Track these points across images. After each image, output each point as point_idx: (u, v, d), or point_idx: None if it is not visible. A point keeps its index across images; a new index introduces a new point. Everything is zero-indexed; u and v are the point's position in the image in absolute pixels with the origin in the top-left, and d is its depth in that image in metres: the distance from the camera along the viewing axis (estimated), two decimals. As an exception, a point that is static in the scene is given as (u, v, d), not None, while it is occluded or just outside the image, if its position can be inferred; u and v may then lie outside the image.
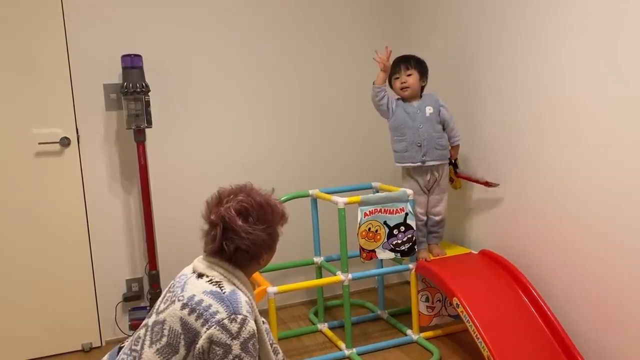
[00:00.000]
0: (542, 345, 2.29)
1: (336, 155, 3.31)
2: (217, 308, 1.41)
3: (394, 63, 2.72)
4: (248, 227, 1.48)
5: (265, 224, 1.53)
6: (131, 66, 2.69)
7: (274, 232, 1.57)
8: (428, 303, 2.75)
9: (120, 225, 2.90)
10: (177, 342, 1.40)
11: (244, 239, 1.47)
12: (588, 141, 2.21)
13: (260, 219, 1.52)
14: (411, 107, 2.70)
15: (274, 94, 3.16)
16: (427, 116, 2.67)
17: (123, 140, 2.86)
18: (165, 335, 1.42)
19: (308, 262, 2.97)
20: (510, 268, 2.57)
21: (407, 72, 2.68)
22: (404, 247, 2.64)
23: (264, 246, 1.53)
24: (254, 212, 1.51)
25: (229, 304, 1.42)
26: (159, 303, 1.53)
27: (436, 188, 2.75)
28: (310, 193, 2.87)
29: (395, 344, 2.69)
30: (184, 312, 1.41)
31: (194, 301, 1.42)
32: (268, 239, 1.54)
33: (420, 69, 2.70)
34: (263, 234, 1.51)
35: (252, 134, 3.13)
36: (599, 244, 2.21)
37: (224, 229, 1.49)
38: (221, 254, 1.51)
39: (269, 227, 1.54)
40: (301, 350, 2.72)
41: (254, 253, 1.52)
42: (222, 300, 1.42)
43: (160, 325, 1.44)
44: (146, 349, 1.43)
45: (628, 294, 2.10)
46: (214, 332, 1.37)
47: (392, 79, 2.73)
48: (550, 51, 2.34)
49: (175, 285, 1.52)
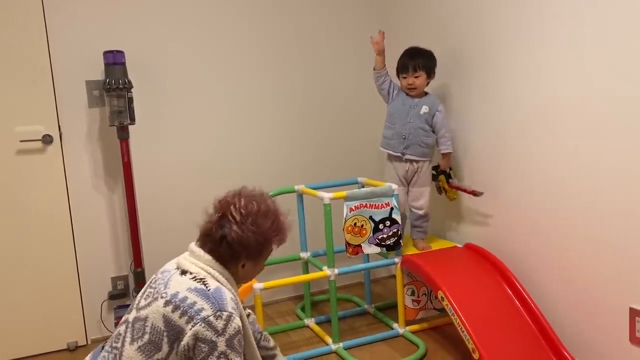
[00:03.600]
0: (526, 337, 2.32)
1: (322, 150, 3.31)
2: (202, 305, 1.40)
3: (403, 59, 2.72)
4: (242, 223, 1.49)
5: (260, 229, 1.52)
6: (113, 62, 2.66)
7: (264, 244, 1.55)
8: (414, 297, 2.77)
9: (104, 223, 2.88)
10: (160, 340, 1.39)
11: (233, 231, 1.48)
12: (571, 139, 2.24)
13: (257, 223, 1.52)
14: (409, 101, 2.73)
15: (260, 91, 3.15)
16: (420, 113, 2.71)
17: (106, 137, 2.84)
18: (148, 332, 1.41)
19: (294, 258, 2.98)
20: (494, 262, 2.60)
21: (415, 74, 2.69)
22: (390, 241, 2.65)
23: (248, 248, 1.52)
24: (255, 212, 1.52)
25: (214, 301, 1.41)
26: (139, 298, 1.51)
27: (416, 182, 2.78)
28: (296, 189, 2.87)
29: (382, 338, 2.71)
30: (168, 310, 1.41)
31: (177, 298, 1.42)
32: (255, 245, 1.52)
33: (428, 70, 2.70)
34: (252, 237, 1.51)
35: (237, 130, 3.12)
36: (580, 239, 2.24)
37: (223, 215, 1.51)
38: (207, 240, 1.52)
39: (260, 234, 1.53)
40: (288, 345, 2.73)
41: (236, 250, 1.51)
42: (207, 297, 1.42)
43: (141, 322, 1.43)
44: (127, 346, 1.42)
45: (609, 288, 2.14)
46: (200, 329, 1.37)
47: (399, 75, 2.75)
48: (533, 51, 2.36)
49: (157, 281, 1.51)
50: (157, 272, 1.58)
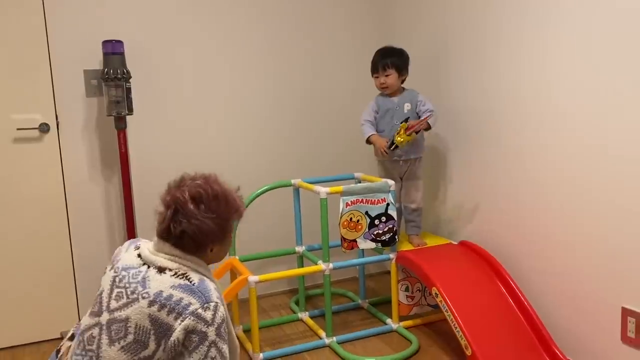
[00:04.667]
0: (518, 335, 2.34)
1: (319, 145, 3.31)
2: (189, 300, 1.41)
3: (374, 59, 2.77)
4: (197, 213, 1.47)
5: (216, 214, 1.51)
6: (112, 52, 2.65)
7: (225, 225, 1.54)
8: (408, 293, 2.78)
9: (100, 213, 2.88)
10: (147, 338, 1.40)
11: (192, 224, 1.47)
12: (569, 136, 2.24)
13: (212, 208, 1.50)
14: (391, 103, 2.77)
15: (259, 84, 3.15)
16: (404, 113, 2.74)
17: (104, 127, 2.83)
18: (131, 332, 1.40)
19: (290, 252, 2.98)
20: (489, 259, 2.61)
21: (385, 72, 2.72)
22: (385, 237, 2.66)
23: (210, 236, 1.51)
24: (207, 200, 1.50)
25: (200, 294, 1.43)
26: (107, 300, 1.47)
27: (409, 176, 2.81)
28: (292, 182, 2.87)
29: (375, 333, 2.72)
30: (153, 309, 1.40)
31: (162, 297, 1.41)
32: (216, 230, 1.51)
33: (398, 67, 2.72)
34: (211, 223, 1.49)
35: (235, 123, 3.12)
36: (575, 238, 2.25)
37: (175, 211, 1.49)
38: (168, 237, 1.50)
39: (219, 218, 1.51)
40: (282, 338, 2.74)
41: (200, 241, 1.50)
42: (193, 292, 1.43)
43: (121, 323, 1.42)
44: (105, 347, 1.41)
45: (602, 287, 2.15)
46: (190, 322, 1.39)
47: (373, 75, 2.79)
48: (531, 45, 2.36)
49: (123, 280, 1.48)
50: (114, 270, 1.53)
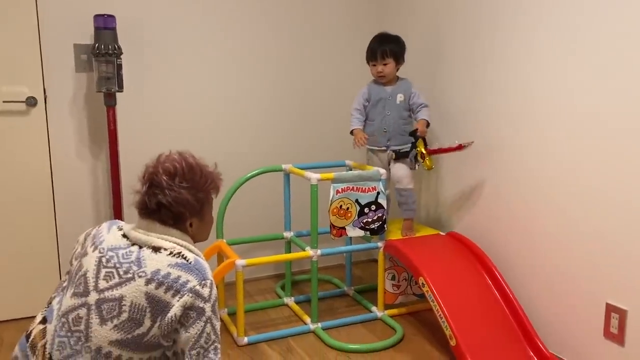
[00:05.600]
0: (503, 327, 2.35)
1: (312, 131, 3.29)
2: (187, 278, 1.44)
3: (371, 46, 2.72)
4: (172, 184, 1.50)
5: (191, 184, 1.53)
6: (104, 27, 2.59)
7: (201, 197, 1.56)
8: (394, 281, 2.79)
9: (86, 190, 2.84)
10: (142, 316, 1.42)
11: (166, 195, 1.49)
12: (556, 134, 2.25)
13: (186, 179, 1.52)
14: (384, 93, 2.74)
15: (254, 67, 3.11)
16: (397, 103, 2.73)
17: (93, 103, 2.78)
18: (126, 311, 1.41)
19: (278, 237, 2.97)
20: (476, 251, 2.62)
21: (384, 61, 2.69)
22: (374, 225, 2.65)
23: (188, 207, 1.52)
24: (181, 171, 1.52)
25: (197, 272, 1.46)
26: (93, 280, 1.45)
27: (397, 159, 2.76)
28: (283, 167, 2.85)
29: (360, 320, 2.73)
30: (151, 287, 1.42)
31: (160, 275, 1.43)
32: (193, 201, 1.53)
33: (396, 56, 2.70)
34: (187, 193, 1.52)
35: (228, 104, 3.08)
36: (561, 234, 2.27)
37: (150, 184, 1.51)
38: (146, 212, 1.52)
39: (194, 188, 1.53)
40: (267, 323, 2.73)
41: (177, 213, 1.51)
42: (191, 270, 1.46)
43: (114, 302, 1.42)
44: (95, 327, 1.42)
45: (587, 282, 2.17)
46: (188, 299, 1.41)
47: (369, 63, 2.75)
48: (525, 39, 2.35)
49: (113, 260, 1.47)
50: (98, 250, 1.50)
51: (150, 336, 1.42)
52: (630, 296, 2.01)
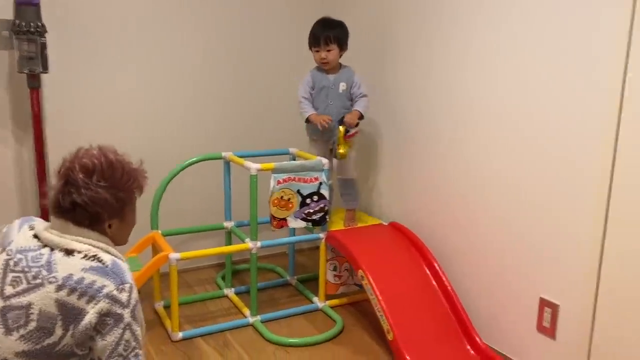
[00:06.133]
0: (441, 321, 2.37)
1: (255, 117, 3.17)
2: (102, 282, 1.34)
3: (314, 31, 2.63)
4: (89, 183, 1.38)
5: (110, 183, 1.41)
6: (26, 2, 2.39)
7: (122, 196, 1.45)
8: (336, 272, 2.76)
9: (10, 177, 2.65)
10: (52, 324, 1.31)
11: (82, 194, 1.38)
12: (493, 130, 2.24)
13: (105, 177, 1.41)
14: (326, 80, 2.67)
15: (194, 48, 2.96)
16: (339, 92, 2.66)
17: (16, 83, 2.58)
18: (34, 320, 1.31)
19: (218, 227, 2.88)
20: (417, 242, 2.62)
21: (327, 47, 2.61)
22: (316, 216, 2.60)
23: (106, 207, 1.41)
24: (100, 169, 1.41)
25: (115, 276, 1.36)
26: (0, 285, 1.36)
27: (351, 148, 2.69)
28: (223, 155, 2.74)
29: (301, 312, 2.69)
30: (62, 294, 1.31)
31: (72, 280, 1.32)
32: (112, 201, 1.42)
33: (340, 42, 2.63)
34: (105, 192, 1.40)
35: (163, 87, 2.93)
36: (497, 229, 2.28)
37: (65, 182, 1.40)
38: (59, 212, 1.41)
39: (113, 187, 1.42)
40: (205, 316, 2.66)
41: (93, 213, 1.40)
42: (107, 274, 1.36)
43: (20, 310, 1.32)
44: (0, 337, 1.31)
45: (522, 277, 2.20)
46: (104, 305, 1.32)
47: (312, 48, 2.66)
48: (466, 31, 2.32)
49: (21, 264, 1.36)
50: (5, 253, 1.40)
51: (62, 345, 1.32)
52: (563, 291, 2.05)
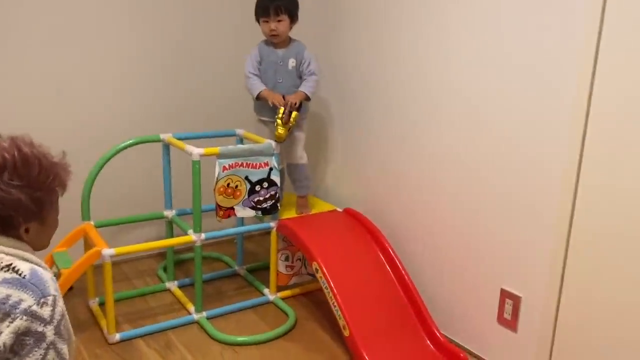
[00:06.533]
0: (398, 313, 2.27)
1: (197, 96, 2.92)
2: (19, 296, 1.15)
3: (263, 1, 2.41)
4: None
5: (25, 181, 1.20)
6: None
7: (40, 196, 1.24)
8: (288, 262, 2.60)
9: None
10: None
11: None
12: (455, 110, 2.13)
13: (19, 175, 1.20)
14: (275, 56, 2.47)
15: (130, 21, 2.67)
16: (288, 69, 2.48)
17: None
18: None
19: (157, 216, 2.64)
20: (372, 230, 2.51)
21: (278, 17, 2.40)
22: (266, 204, 2.42)
23: (20, 210, 1.21)
24: (12, 165, 1.19)
25: (35, 288, 1.17)
26: None
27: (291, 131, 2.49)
28: (161, 138, 2.50)
29: (250, 305, 2.53)
30: None
31: None
32: (28, 202, 1.21)
33: (290, 13, 2.43)
34: (19, 193, 1.19)
35: (94, 65, 2.62)
36: (460, 216, 2.19)
37: None
38: None
39: (29, 187, 1.21)
40: (144, 313, 2.44)
41: (6, 217, 1.20)
42: (25, 286, 1.16)
43: None
44: None
45: (483, 267, 2.12)
46: (21, 323, 1.14)
47: (260, 19, 2.44)
48: (422, 3, 2.18)
49: None
50: None
51: None
52: (525, 283, 1.97)
